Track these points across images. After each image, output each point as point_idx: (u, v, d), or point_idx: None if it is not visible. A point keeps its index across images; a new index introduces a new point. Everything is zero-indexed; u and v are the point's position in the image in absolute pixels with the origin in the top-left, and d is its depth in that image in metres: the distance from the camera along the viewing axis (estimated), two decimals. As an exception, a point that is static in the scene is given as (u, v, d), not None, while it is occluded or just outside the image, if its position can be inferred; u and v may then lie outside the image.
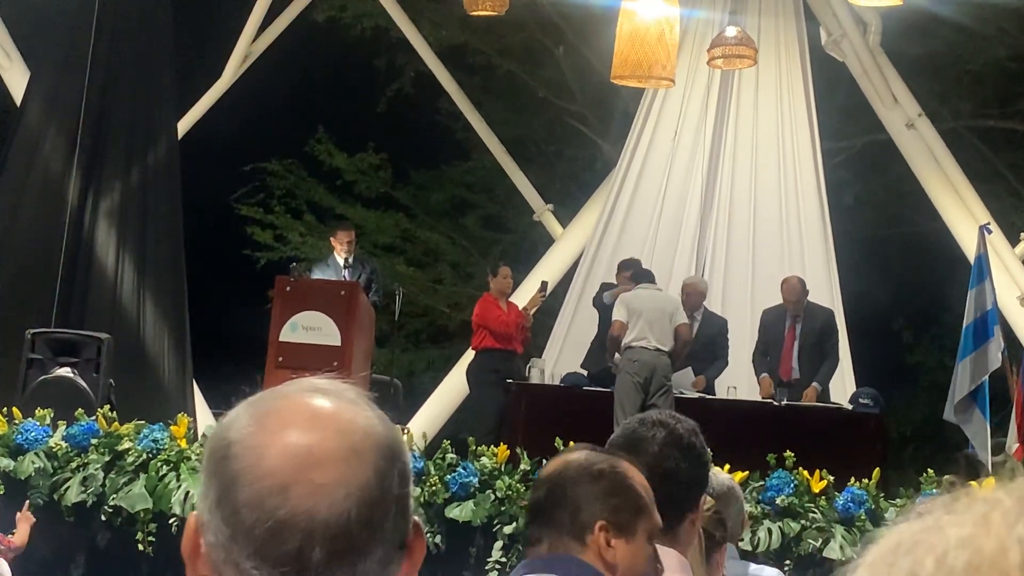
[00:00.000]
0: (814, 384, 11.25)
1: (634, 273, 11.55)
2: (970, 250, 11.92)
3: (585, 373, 11.63)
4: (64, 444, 9.12)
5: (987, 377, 10.46)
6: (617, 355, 10.86)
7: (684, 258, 13.75)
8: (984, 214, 13.94)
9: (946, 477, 8.75)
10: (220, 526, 1.30)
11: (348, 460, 1.31)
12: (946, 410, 10.71)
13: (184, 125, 15.76)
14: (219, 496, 1.31)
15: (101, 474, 9.00)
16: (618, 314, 10.87)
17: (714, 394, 11.36)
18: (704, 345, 11.58)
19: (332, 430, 1.32)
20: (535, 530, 2.44)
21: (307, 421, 1.32)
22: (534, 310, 11.86)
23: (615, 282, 11.98)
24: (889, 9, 13.49)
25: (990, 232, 11.48)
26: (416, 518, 1.38)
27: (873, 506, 8.84)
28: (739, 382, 11.54)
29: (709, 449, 2.96)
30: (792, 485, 8.84)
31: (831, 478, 8.95)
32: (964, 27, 17.55)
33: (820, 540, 8.68)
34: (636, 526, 2.39)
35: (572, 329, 13.73)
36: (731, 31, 12.34)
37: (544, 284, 12.40)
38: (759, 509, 8.74)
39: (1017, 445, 10.14)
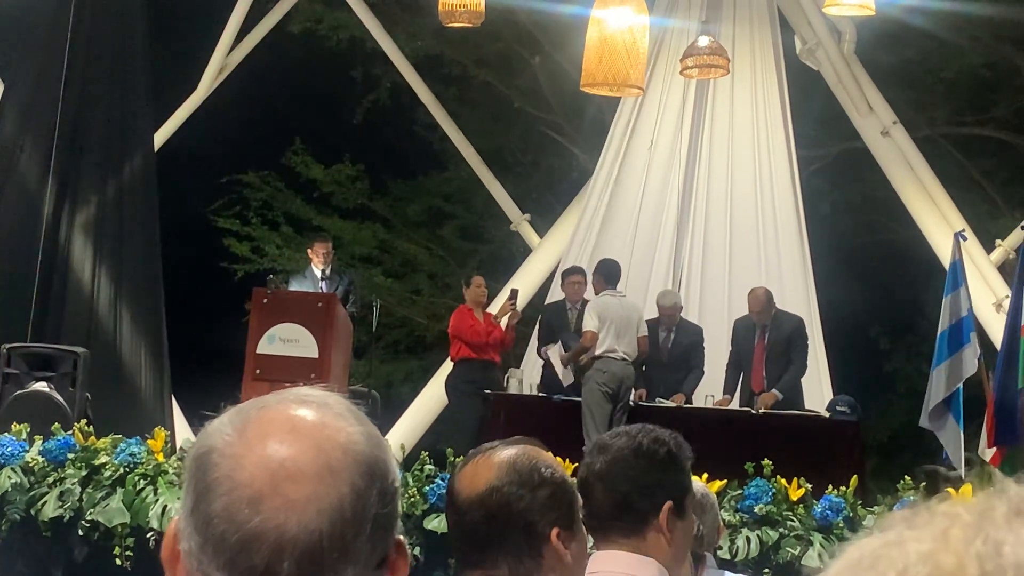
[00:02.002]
0: (773, 391, 11.24)
1: (603, 269, 11.50)
2: (946, 257, 11.96)
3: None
4: (40, 459, 9.06)
5: (961, 384, 10.49)
6: (571, 366, 10.93)
7: (661, 267, 13.76)
8: (959, 221, 14.00)
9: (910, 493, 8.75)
10: (193, 534, 1.29)
11: (322, 476, 1.28)
12: (921, 417, 10.76)
13: (160, 137, 15.72)
14: (194, 503, 1.29)
15: (78, 489, 8.95)
16: (590, 324, 10.88)
17: (691, 403, 11.37)
18: (680, 355, 11.59)
19: (309, 444, 1.29)
20: (486, 557, 2.34)
21: (287, 433, 1.30)
22: (504, 318, 11.80)
23: (562, 293, 11.95)
24: (863, 18, 13.55)
25: (965, 239, 11.52)
26: (400, 537, 1.35)
27: (851, 514, 8.84)
28: (716, 391, 11.56)
29: (683, 458, 2.96)
30: (770, 493, 8.84)
31: (809, 486, 8.96)
32: (937, 36, 17.65)
33: (798, 548, 8.69)
34: (576, 514, 2.39)
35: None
36: (703, 40, 12.38)
37: (514, 292, 12.32)
38: (737, 518, 8.74)
39: (994, 450, 10.17)
